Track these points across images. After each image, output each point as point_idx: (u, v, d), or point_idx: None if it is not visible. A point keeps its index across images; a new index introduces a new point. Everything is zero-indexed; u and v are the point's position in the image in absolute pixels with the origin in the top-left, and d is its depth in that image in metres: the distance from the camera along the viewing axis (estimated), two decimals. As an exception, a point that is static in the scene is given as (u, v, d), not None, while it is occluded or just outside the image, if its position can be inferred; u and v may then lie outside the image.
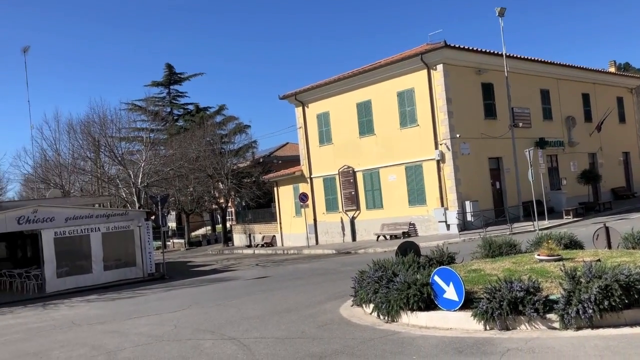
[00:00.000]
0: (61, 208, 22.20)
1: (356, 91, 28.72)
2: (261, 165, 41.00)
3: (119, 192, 34.13)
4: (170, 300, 15.77)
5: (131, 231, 23.01)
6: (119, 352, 9.05)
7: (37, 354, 9.64)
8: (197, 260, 32.00)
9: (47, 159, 39.72)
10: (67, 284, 21.13)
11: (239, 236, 39.89)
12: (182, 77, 52.86)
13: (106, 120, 34.38)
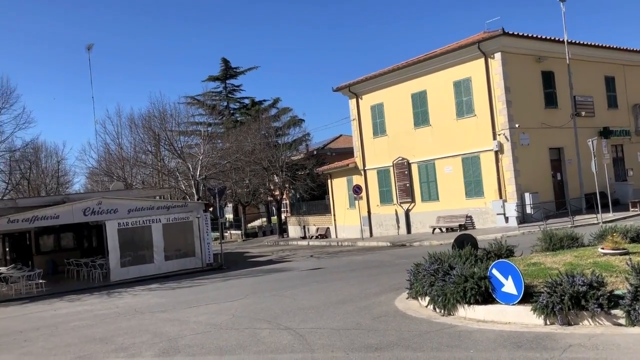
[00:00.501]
0: (124, 200, 23.06)
1: (411, 81, 28.38)
2: (315, 158, 41.19)
3: (179, 184, 35.11)
4: (227, 289, 16.13)
5: (190, 222, 23.65)
6: (180, 339, 9.35)
7: (103, 340, 10.09)
8: (253, 251, 32.57)
9: (110, 153, 41.30)
10: (130, 273, 21.93)
11: (293, 228, 40.30)
12: (237, 71, 53.65)
13: (166, 115, 35.43)
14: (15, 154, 31.34)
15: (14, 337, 11.43)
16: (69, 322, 12.82)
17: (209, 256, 23.98)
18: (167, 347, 8.86)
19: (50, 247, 28.63)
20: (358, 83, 31.28)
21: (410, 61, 28.56)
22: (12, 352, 9.86)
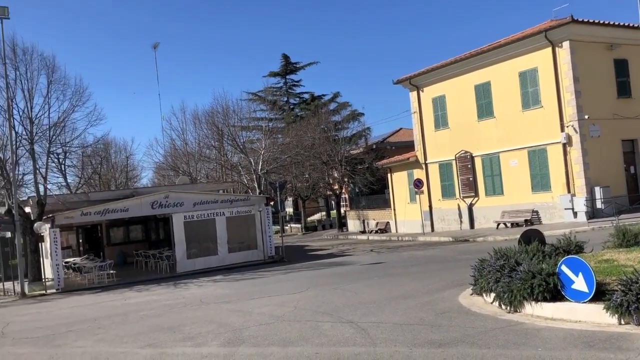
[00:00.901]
0: (189, 194, 23.75)
1: (474, 73, 27.69)
2: (374, 152, 40.96)
3: (241, 178, 35.79)
4: (289, 282, 16.33)
5: (252, 216, 24.09)
6: (244, 330, 9.55)
7: (171, 329, 10.44)
8: (313, 244, 32.81)
9: (175, 148, 42.62)
10: (196, 264, 22.59)
11: (353, 222, 40.28)
12: (297, 66, 54.03)
13: (229, 111, 36.19)
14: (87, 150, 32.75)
15: (89, 325, 12.02)
16: (138, 311, 13.35)
17: (271, 249, 24.35)
18: (232, 337, 9.07)
19: (120, 239, 29.92)
20: (419, 75, 30.83)
21: (474, 52, 27.87)
22: (88, 339, 10.37)
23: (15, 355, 9.55)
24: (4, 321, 14.06)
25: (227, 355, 7.88)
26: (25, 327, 12.80)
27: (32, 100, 22.60)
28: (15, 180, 22.12)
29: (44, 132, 23.21)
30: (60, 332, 11.43)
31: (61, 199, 23.47)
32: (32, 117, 22.53)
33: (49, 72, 23.20)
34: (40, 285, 21.24)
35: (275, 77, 53.79)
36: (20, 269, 20.84)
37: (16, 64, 22.38)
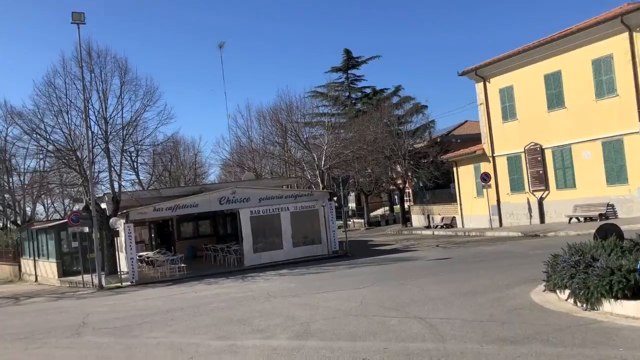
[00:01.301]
0: (255, 189, 24.21)
1: (543, 62, 26.67)
2: (439, 145, 40.24)
3: (304, 174, 36.12)
4: (354, 277, 16.35)
5: (316, 211, 24.28)
6: (312, 324, 9.64)
7: (241, 321, 10.68)
8: (376, 239, 32.68)
9: (241, 145, 43.55)
10: (262, 258, 23.02)
11: (417, 217, 39.81)
12: (359, 61, 53.86)
13: (292, 107, 36.59)
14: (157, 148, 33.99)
15: (162, 316, 12.48)
16: (208, 303, 13.74)
17: (335, 244, 24.45)
18: (300, 330, 9.18)
19: (189, 234, 30.87)
20: (485, 66, 30.02)
21: (543, 40, 26.83)
22: (162, 330, 10.77)
23: (96, 345, 10.04)
24: (84, 312, 14.83)
25: (296, 348, 7.98)
26: (103, 317, 13.43)
27: (107, 101, 23.72)
28: (92, 177, 23.27)
29: (117, 132, 24.30)
30: (136, 323, 11.92)
31: (134, 196, 24.51)
32: (107, 117, 23.64)
33: (121, 73, 24.26)
34: (116, 278, 22.26)
35: (337, 72, 53.85)
36: (98, 263, 21.91)
37: (91, 66, 23.52)
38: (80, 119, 23.92)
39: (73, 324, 12.74)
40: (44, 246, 29.71)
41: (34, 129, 24.75)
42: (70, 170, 26.78)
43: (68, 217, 23.23)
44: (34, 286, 27.64)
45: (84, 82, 22.75)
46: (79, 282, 23.16)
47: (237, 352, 8.24)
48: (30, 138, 26.22)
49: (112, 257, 23.84)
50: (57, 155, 25.82)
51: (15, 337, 11.71)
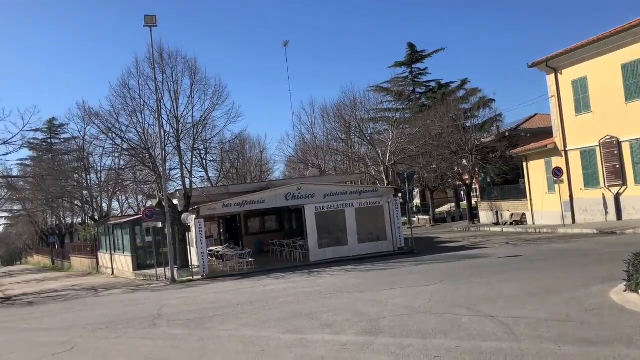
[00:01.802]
0: (320, 185, 24.36)
1: (620, 51, 25.33)
2: (507, 140, 39.06)
3: (369, 170, 36.02)
4: (420, 274, 16.17)
5: (381, 207, 24.16)
6: (380, 320, 9.62)
7: (309, 316, 10.80)
8: (443, 236, 32.16)
9: (305, 142, 43.92)
10: (327, 254, 23.16)
11: (485, 213, 38.85)
12: (423, 54, 53.08)
13: (356, 103, 36.56)
14: (225, 146, 34.88)
15: (232, 309, 12.81)
16: (276, 297, 13.98)
17: (400, 240, 24.26)
18: (368, 327, 9.19)
19: (256, 229, 31.50)
20: (556, 57, 28.84)
21: (619, 28, 25.49)
22: (233, 323, 11.06)
23: (171, 336, 10.43)
24: (158, 304, 15.43)
25: (366, 344, 7.99)
26: (177, 310, 13.93)
27: (178, 101, 24.52)
28: (165, 174, 24.13)
29: (188, 130, 25.08)
30: (208, 315, 12.29)
31: (204, 192, 25.24)
32: (178, 116, 24.43)
33: (191, 73, 25.00)
34: (188, 272, 23.02)
35: (401, 66, 53.29)
36: (170, 257, 22.73)
37: (163, 67, 24.37)
38: (153, 119, 24.86)
39: (149, 315, 13.29)
40: (119, 240, 31.13)
41: (110, 129, 25.94)
42: (143, 167, 27.92)
43: (142, 212, 24.20)
44: (110, 279, 29.01)
45: (157, 83, 23.62)
46: (152, 275, 24.11)
47: (307, 346, 8.35)
48: (107, 137, 27.51)
49: (183, 251, 24.67)
50: (131, 153, 26.95)
51: (96, 327, 12.35)
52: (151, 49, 23.51)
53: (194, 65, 25.29)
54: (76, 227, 48.94)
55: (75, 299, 20.21)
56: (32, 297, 22.54)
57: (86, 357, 9.27)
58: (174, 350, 9.10)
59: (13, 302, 21.44)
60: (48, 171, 37.27)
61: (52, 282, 31.40)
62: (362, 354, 7.53)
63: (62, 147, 55.61)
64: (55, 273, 42.06)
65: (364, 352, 7.60)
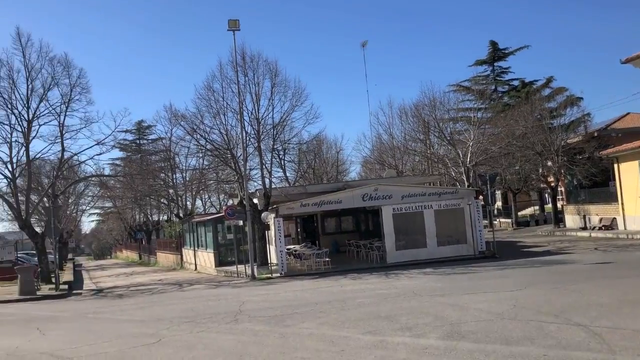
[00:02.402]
0: (398, 186, 24.15)
1: None
2: (596, 140, 37.03)
3: (448, 171, 35.30)
4: (503, 279, 15.68)
5: (461, 209, 23.61)
6: (462, 325, 9.41)
7: (388, 318, 10.73)
8: (526, 240, 30.97)
9: (382, 142, 43.70)
10: (405, 256, 22.91)
11: (571, 217, 37.03)
12: (506, 52, 51.46)
13: (435, 103, 35.91)
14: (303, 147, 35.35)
15: (311, 308, 12.95)
16: (354, 298, 14.00)
17: (481, 244, 23.61)
18: (450, 331, 9.01)
19: (333, 229, 31.70)
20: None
21: None
22: (312, 321, 11.17)
23: (253, 332, 10.68)
24: (240, 300, 15.85)
25: (448, 349, 7.84)
26: (257, 306, 14.25)
27: (259, 103, 25.13)
28: (246, 174, 24.78)
29: (268, 131, 25.63)
30: (287, 313, 12.49)
31: (283, 191, 25.72)
32: (259, 117, 25.03)
33: (272, 76, 25.53)
34: (267, 269, 23.51)
35: (482, 65, 51.95)
36: (251, 254, 23.32)
37: (245, 70, 25.06)
38: (235, 120, 25.61)
39: (230, 311, 13.68)
40: (202, 237, 32.29)
41: (195, 130, 26.95)
42: (225, 167, 28.80)
43: (224, 211, 24.99)
44: (193, 274, 30.13)
45: (239, 86, 24.31)
46: (233, 271, 24.82)
47: (387, 347, 8.30)
48: (192, 138, 28.59)
49: (263, 249, 25.22)
50: (214, 153, 27.88)
51: (181, 320, 12.86)
52: (234, 53, 24.25)
53: (275, 68, 25.83)
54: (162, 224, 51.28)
55: (161, 292, 21.15)
56: (122, 290, 23.81)
57: (173, 349, 9.67)
58: (256, 346, 9.32)
59: (105, 294, 22.74)
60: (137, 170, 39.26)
61: (139, 276, 33.03)
62: (445, 358, 7.39)
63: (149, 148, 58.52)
64: (142, 267, 44.22)
65: (447, 357, 7.45)
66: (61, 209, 33.83)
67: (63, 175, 31.51)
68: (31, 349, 10.79)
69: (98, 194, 46.46)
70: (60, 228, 30.73)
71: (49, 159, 32.73)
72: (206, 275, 28.30)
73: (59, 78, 28.03)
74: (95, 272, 43.96)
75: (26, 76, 27.51)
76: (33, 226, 30.68)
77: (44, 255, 28.76)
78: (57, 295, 23.05)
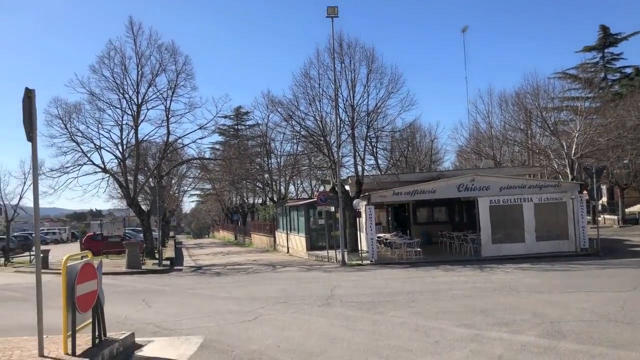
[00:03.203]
0: (496, 178, 23.34)
1: None
2: None
3: (550, 163, 33.60)
4: (609, 278, 14.80)
5: (563, 203, 22.44)
6: (563, 324, 8.99)
7: (484, 312, 10.45)
8: (634, 239, 28.87)
9: (479, 131, 42.35)
10: (501, 250, 22.17)
11: (688, 216, 34.12)
12: (618, 37, 48.04)
13: (539, 91, 34.19)
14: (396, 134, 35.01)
15: (403, 297, 12.89)
16: (448, 290, 13.76)
17: (584, 241, 22.33)
18: (550, 329, 8.64)
19: (425, 219, 31.23)
20: None
21: None
22: (404, 310, 11.12)
23: (345, 316, 10.81)
24: (331, 285, 16.08)
25: (548, 348, 7.52)
26: (348, 292, 14.39)
27: (354, 89, 25.15)
28: (339, 161, 24.96)
29: (362, 118, 25.62)
30: (379, 300, 12.51)
31: (375, 179, 25.69)
32: (354, 104, 25.07)
33: (368, 62, 25.47)
34: (357, 256, 23.64)
35: (590, 51, 48.87)
36: (342, 240, 23.53)
37: (342, 57, 25.16)
38: (330, 107, 25.83)
39: (322, 294, 13.91)
40: (295, 221, 32.99)
41: (290, 116, 27.50)
42: (319, 153, 29.16)
43: (317, 196, 25.34)
44: (286, 257, 30.90)
45: (335, 72, 24.45)
46: (324, 256, 25.19)
47: (482, 342, 8.10)
48: (287, 124, 29.20)
49: (354, 236, 25.37)
50: (309, 140, 28.31)
51: (275, 301, 13.26)
52: (332, 39, 24.42)
53: (372, 54, 25.73)
54: (257, 207, 52.94)
55: (256, 273, 21.88)
56: (219, 269, 24.87)
57: (268, 327, 10.00)
58: (348, 330, 9.42)
59: (204, 272, 23.87)
60: (235, 155, 40.70)
61: (235, 256, 34.34)
62: (545, 357, 7.10)
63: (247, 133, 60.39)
64: (238, 248, 45.93)
65: (547, 356, 7.16)
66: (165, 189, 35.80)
67: (167, 157, 33.30)
68: (138, 318, 11.57)
69: (199, 176, 48.72)
70: (164, 207, 32.55)
71: (155, 142, 34.76)
72: (298, 258, 28.92)
73: (166, 64, 29.63)
74: (194, 250, 46.24)
75: (137, 63, 29.34)
76: (140, 204, 32.71)
77: (148, 232, 30.68)
78: (160, 270, 24.52)
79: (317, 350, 8.10)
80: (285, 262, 26.72)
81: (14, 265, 29.86)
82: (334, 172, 25.37)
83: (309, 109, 26.47)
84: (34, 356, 7.58)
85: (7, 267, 29.00)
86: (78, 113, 29.64)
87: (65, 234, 74.16)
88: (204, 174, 45.13)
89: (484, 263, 20.31)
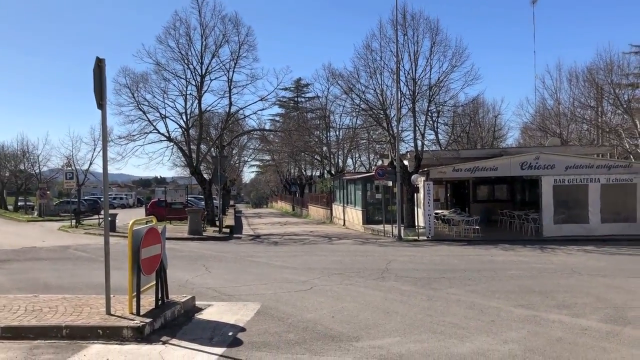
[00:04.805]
0: (561, 156, 22.53)
1: None
2: None
3: (622, 142, 32.04)
4: (680, 266, 14.09)
5: (633, 185, 21.49)
6: (628, 310, 8.67)
7: (543, 293, 10.22)
8: None
9: (546, 108, 40.74)
10: (563, 230, 21.52)
11: None
12: None
13: (612, 66, 32.41)
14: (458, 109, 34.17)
15: (459, 274, 12.76)
16: (506, 269, 13.51)
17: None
18: (613, 314, 8.37)
19: (484, 197, 30.61)
20: None
21: None
22: (460, 288, 11.02)
23: (399, 291, 10.82)
24: (386, 259, 16.10)
25: (611, 334, 7.30)
26: (403, 267, 14.37)
27: (417, 62, 24.68)
28: (398, 135, 24.69)
29: (424, 92, 25.14)
30: (434, 277, 12.44)
31: (435, 155, 25.29)
32: (416, 78, 24.62)
33: (432, 35, 24.87)
34: (414, 232, 23.50)
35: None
36: (398, 215, 23.42)
37: (405, 29, 24.69)
38: (391, 80, 25.49)
39: (377, 268, 13.97)
40: (352, 195, 33.05)
41: (351, 89, 27.32)
42: (378, 127, 28.93)
43: (375, 171, 25.25)
44: (342, 229, 31.10)
45: (398, 45, 24.04)
46: (380, 230, 25.18)
47: (540, 324, 7.94)
48: (347, 97, 29.04)
49: (411, 211, 25.20)
50: (368, 113, 28.09)
51: (331, 272, 13.42)
52: (395, 10, 23.94)
53: (436, 26, 25.12)
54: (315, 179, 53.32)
55: (312, 244, 22.16)
56: (277, 238, 25.34)
57: (324, 297, 10.15)
58: (402, 305, 9.44)
59: (262, 240, 24.39)
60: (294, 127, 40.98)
61: (292, 226, 34.85)
62: (607, 343, 6.89)
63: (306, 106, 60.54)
64: (295, 219, 46.58)
65: (609, 342, 6.95)
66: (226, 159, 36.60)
67: (229, 127, 33.91)
68: (199, 283, 12.01)
69: (259, 147, 49.46)
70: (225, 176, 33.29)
71: (217, 112, 35.45)
72: (354, 231, 29.04)
73: (229, 35, 29.98)
74: (252, 219, 47.23)
75: (201, 33, 29.83)
76: (202, 173, 33.60)
77: (210, 200, 31.53)
78: (220, 237, 25.25)
79: (371, 322, 8.18)
80: (341, 234, 26.90)
81: (84, 227, 31.48)
82: (392, 147, 25.14)
83: (369, 82, 26.23)
84: (102, 314, 8.03)
85: (78, 228, 30.58)
86: (145, 83, 30.56)
87: (132, 199, 77.44)
88: (264, 145, 45.74)
89: (545, 244, 19.77)
